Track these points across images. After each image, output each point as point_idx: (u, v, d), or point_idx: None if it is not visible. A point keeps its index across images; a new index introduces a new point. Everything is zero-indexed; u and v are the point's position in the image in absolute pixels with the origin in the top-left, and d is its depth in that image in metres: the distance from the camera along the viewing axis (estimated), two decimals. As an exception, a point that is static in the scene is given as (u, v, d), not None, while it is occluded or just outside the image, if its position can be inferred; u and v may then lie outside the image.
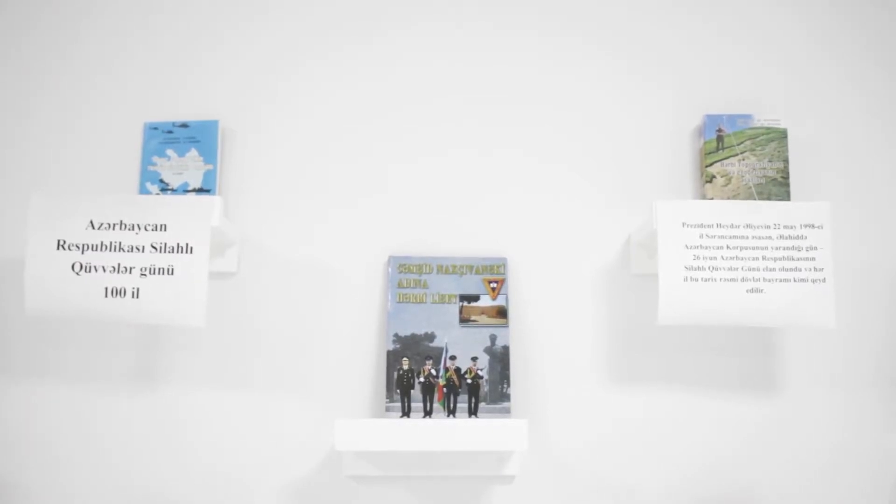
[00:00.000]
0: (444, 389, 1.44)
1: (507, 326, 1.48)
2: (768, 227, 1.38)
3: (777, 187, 1.52)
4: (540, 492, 1.47)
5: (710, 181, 1.53)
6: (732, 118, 1.55)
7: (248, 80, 1.59)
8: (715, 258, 1.37)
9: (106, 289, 1.34)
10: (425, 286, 1.49)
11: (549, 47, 1.61)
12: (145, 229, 1.36)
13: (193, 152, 1.54)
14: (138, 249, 1.36)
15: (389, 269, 1.50)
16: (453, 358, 1.45)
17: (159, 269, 1.35)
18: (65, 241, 1.36)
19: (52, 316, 1.36)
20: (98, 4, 1.62)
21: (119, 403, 1.49)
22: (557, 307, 1.53)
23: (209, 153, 1.54)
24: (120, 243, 1.36)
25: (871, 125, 1.59)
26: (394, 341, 1.46)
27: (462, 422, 1.35)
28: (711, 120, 1.55)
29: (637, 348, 1.51)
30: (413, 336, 1.46)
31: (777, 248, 1.37)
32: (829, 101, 1.60)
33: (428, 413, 1.43)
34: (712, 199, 1.52)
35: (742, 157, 1.53)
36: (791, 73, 1.61)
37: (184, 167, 1.53)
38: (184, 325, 1.35)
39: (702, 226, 1.38)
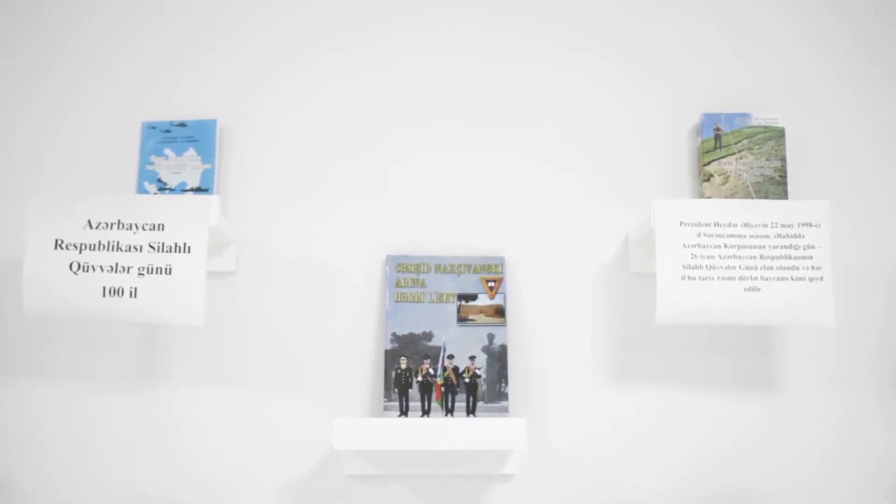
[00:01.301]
0: (442, 388, 1.44)
1: (505, 325, 1.48)
2: (766, 225, 1.38)
3: (775, 186, 1.52)
4: (539, 491, 1.47)
5: (708, 180, 1.53)
6: (730, 117, 1.55)
7: (247, 80, 1.59)
8: (713, 257, 1.36)
9: (104, 288, 1.34)
10: (423, 285, 1.49)
11: (547, 47, 1.61)
12: (143, 229, 1.36)
13: (191, 152, 1.54)
14: (136, 249, 1.36)
15: (387, 269, 1.50)
16: (451, 357, 1.45)
17: (157, 268, 1.35)
18: (62, 241, 1.35)
19: (50, 316, 1.36)
20: (96, 4, 1.61)
21: (117, 403, 1.49)
22: (555, 306, 1.53)
23: (207, 152, 1.53)
24: (118, 243, 1.36)
25: (869, 124, 1.59)
26: (392, 340, 1.46)
27: (460, 421, 1.36)
28: (709, 119, 1.55)
29: (635, 347, 1.51)
30: (411, 335, 1.46)
31: (775, 247, 1.37)
32: (827, 100, 1.60)
33: (426, 412, 1.43)
34: (710, 197, 1.52)
35: (740, 155, 1.53)
36: (789, 71, 1.61)
37: (181, 166, 1.53)
38: (182, 325, 1.35)
39: (699, 224, 1.38)
